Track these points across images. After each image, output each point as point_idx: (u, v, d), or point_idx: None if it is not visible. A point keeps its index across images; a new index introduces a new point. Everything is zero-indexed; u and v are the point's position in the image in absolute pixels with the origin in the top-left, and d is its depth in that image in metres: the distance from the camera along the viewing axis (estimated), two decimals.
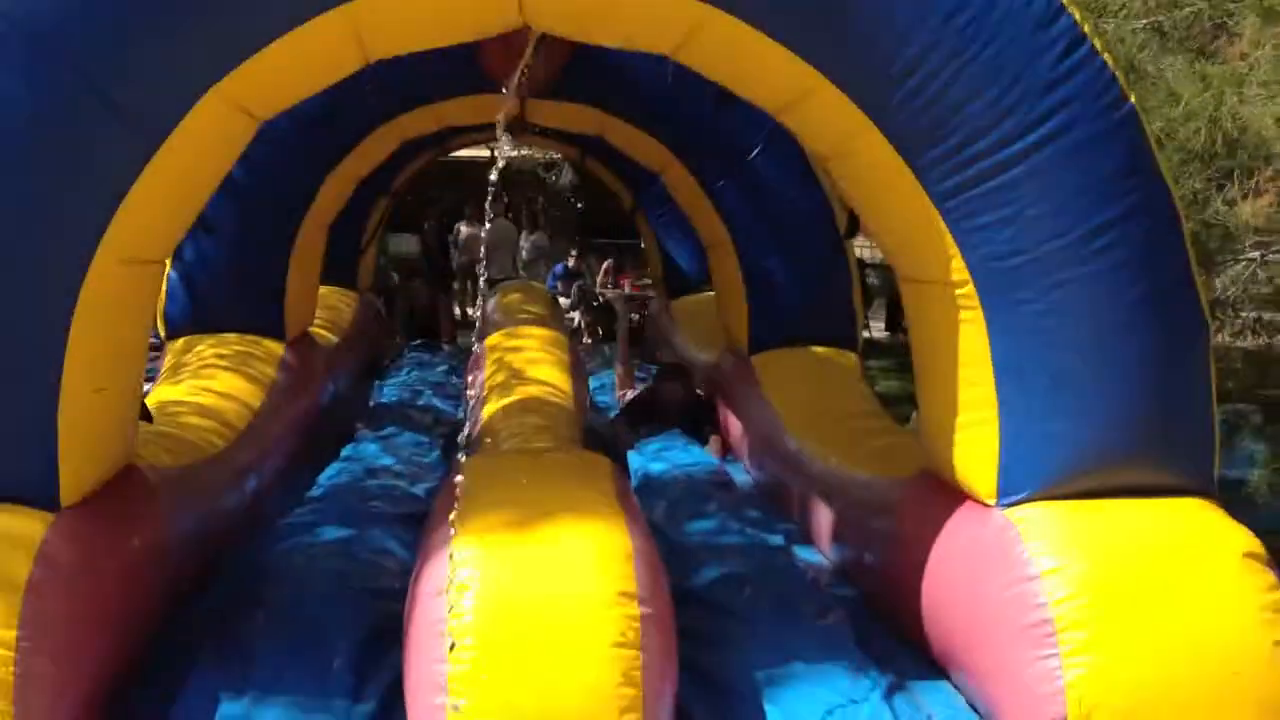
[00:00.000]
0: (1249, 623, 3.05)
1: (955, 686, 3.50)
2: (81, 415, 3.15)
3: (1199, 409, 3.40)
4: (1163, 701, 3.00)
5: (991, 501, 3.38)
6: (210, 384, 5.33)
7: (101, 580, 3.21)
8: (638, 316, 10.77)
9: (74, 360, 3.09)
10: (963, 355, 3.40)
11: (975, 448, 3.42)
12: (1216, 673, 3.01)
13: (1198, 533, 3.22)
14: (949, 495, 3.60)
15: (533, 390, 5.59)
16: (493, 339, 6.50)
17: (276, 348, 6.00)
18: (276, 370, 5.79)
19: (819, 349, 6.46)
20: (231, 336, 5.90)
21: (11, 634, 2.84)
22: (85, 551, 3.13)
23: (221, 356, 5.72)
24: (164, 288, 5.70)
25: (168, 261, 5.58)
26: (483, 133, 7.55)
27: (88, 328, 3.10)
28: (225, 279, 5.83)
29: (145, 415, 4.20)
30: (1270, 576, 3.13)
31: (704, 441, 6.57)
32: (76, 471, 3.16)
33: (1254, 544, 3.20)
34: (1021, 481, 3.34)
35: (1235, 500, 3.63)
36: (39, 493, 3.07)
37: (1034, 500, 3.32)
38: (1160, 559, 3.15)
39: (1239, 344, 5.01)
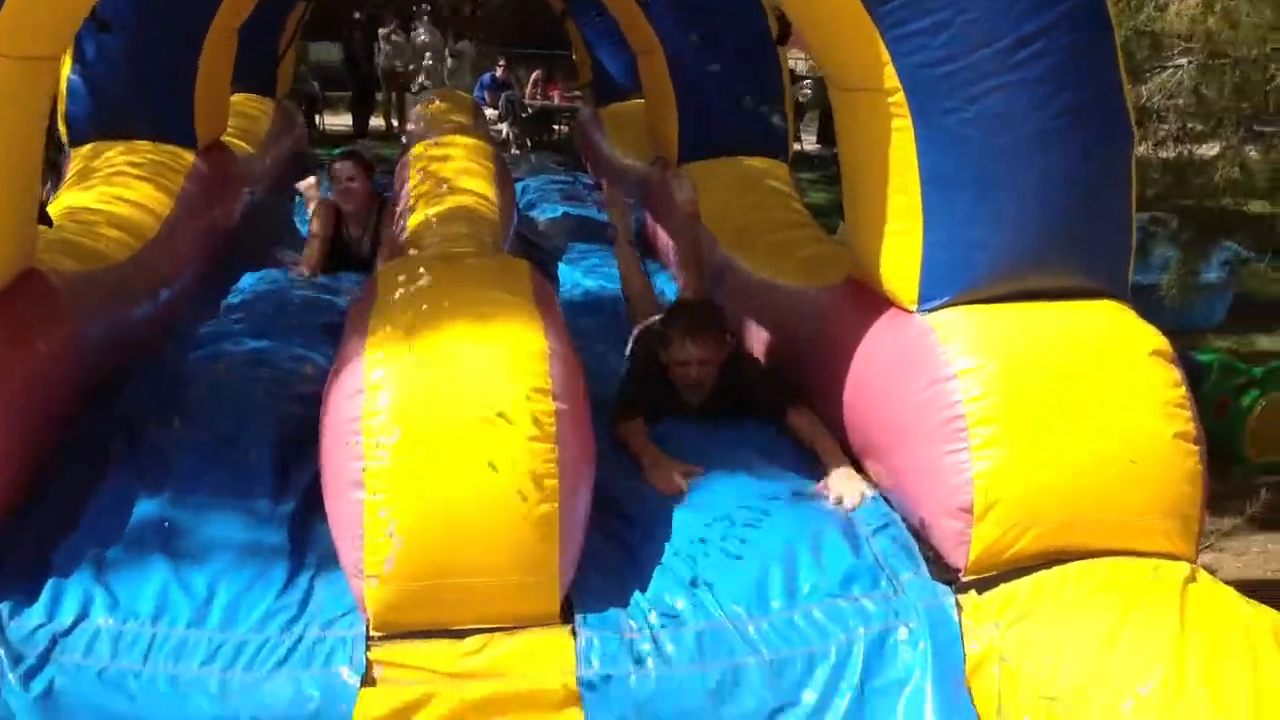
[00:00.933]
0: (1151, 416, 3.14)
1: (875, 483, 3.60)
2: None
3: (1118, 216, 3.42)
4: (1064, 491, 3.10)
5: (913, 307, 3.42)
6: (119, 192, 5.15)
7: (7, 382, 3.13)
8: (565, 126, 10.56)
9: None
10: (891, 164, 3.39)
11: (899, 255, 3.44)
12: (1117, 463, 3.11)
13: (1108, 332, 3.28)
14: (874, 302, 3.64)
15: (458, 200, 5.49)
16: (417, 149, 6.34)
17: (187, 156, 5.79)
18: (187, 180, 5.60)
19: (750, 159, 6.40)
20: (142, 144, 5.69)
21: None
22: None
23: (131, 164, 5.51)
24: (64, 88, 5.46)
25: (66, 60, 5.35)
26: None
27: None
28: (128, 80, 5.56)
29: (44, 219, 4.05)
30: (1174, 373, 3.22)
31: None
32: None
33: (1161, 343, 3.27)
34: (942, 287, 3.37)
35: (1147, 303, 3.69)
36: None
37: (953, 305, 3.36)
38: (1070, 357, 3.21)
39: (1160, 154, 5.03)
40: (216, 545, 3.12)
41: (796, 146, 9.06)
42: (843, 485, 3.51)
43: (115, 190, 5.15)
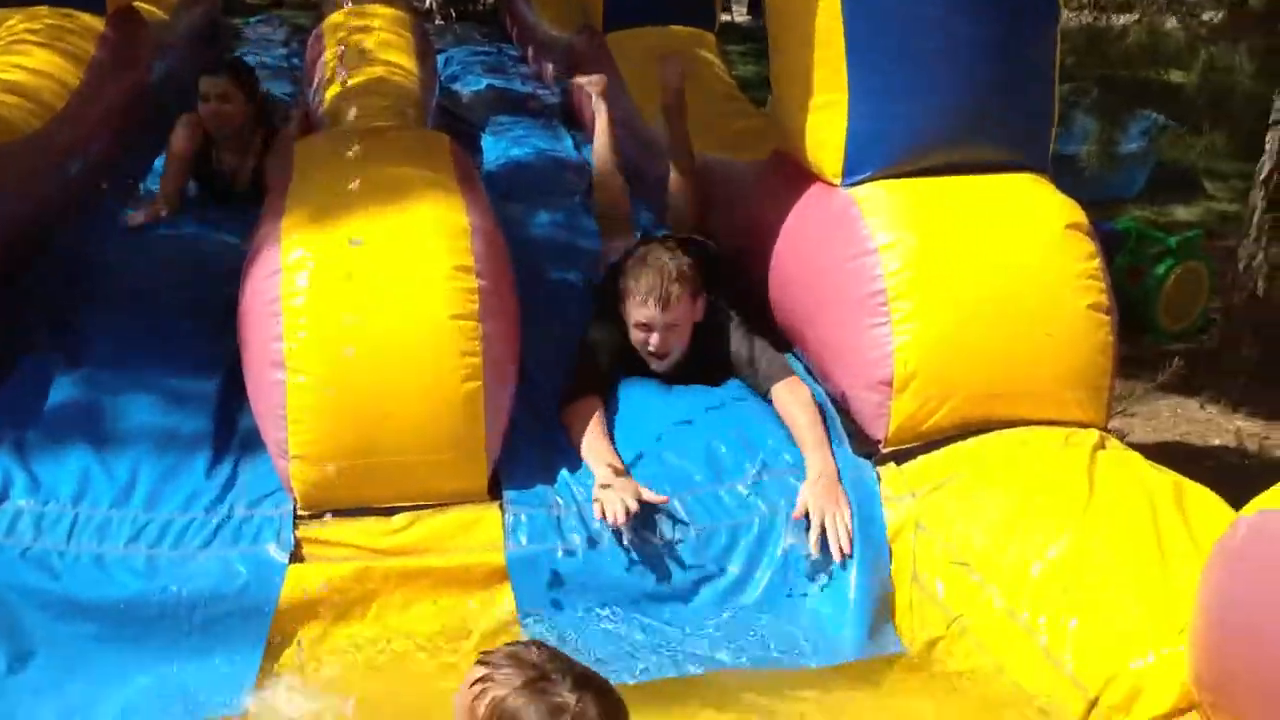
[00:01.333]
0: (1065, 288, 3.20)
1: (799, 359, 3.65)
2: None
3: (1041, 89, 3.44)
4: (981, 363, 3.17)
5: (837, 181, 3.41)
6: (22, 60, 4.92)
7: None
8: None
9: None
10: (816, 34, 3.34)
11: (824, 128, 3.42)
12: (1032, 336, 3.18)
13: (1025, 205, 3.32)
14: (798, 175, 3.62)
15: (377, 71, 5.35)
16: (335, 17, 6.14)
17: (95, 22, 5.54)
18: (96, 46, 5.37)
19: (676, 28, 6.28)
20: (43, 9, 5.43)
21: None
22: None
23: (33, 31, 5.26)
24: None
25: None
26: None
27: None
28: None
29: None
30: (1090, 245, 3.27)
31: None
32: None
33: (1078, 215, 3.31)
34: (865, 161, 3.36)
35: (1068, 174, 3.72)
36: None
37: (876, 179, 3.36)
38: (987, 230, 3.25)
39: (1081, 20, 5.02)
40: (138, 428, 3.09)
41: (725, 17, 8.91)
42: (821, 501, 3.05)
43: (20, 60, 4.92)
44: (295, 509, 2.92)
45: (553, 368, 3.47)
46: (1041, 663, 2.63)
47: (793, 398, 3.31)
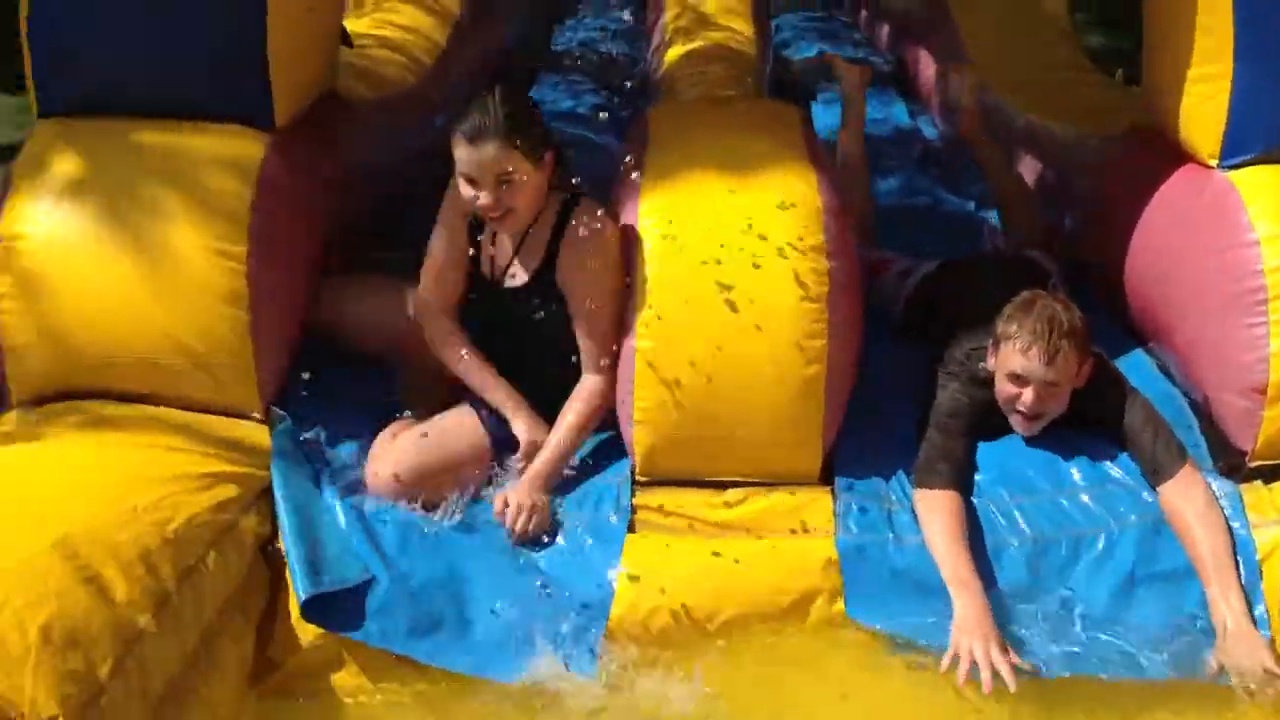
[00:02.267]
0: None
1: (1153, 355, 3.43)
2: (289, 37, 3.14)
3: None
4: None
5: (1214, 162, 3.16)
6: (393, 18, 5.22)
7: (313, 199, 3.27)
8: None
9: None
10: (1201, 1, 3.09)
11: (1203, 102, 3.16)
12: None
13: None
14: (1165, 154, 3.37)
15: (715, 36, 5.38)
16: None
17: None
18: (459, 5, 5.64)
19: None
20: None
21: (242, 249, 2.96)
22: (300, 169, 3.20)
23: None
24: None
25: None
26: None
27: None
28: None
29: (346, 40, 4.16)
30: None
31: None
32: (288, 94, 3.17)
33: None
34: (1249, 141, 3.10)
35: None
36: (257, 113, 3.11)
37: (1261, 162, 3.09)
38: None
39: None
40: None
41: None
42: (1241, 655, 2.65)
43: (391, 17, 5.19)
44: (633, 476, 3.00)
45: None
46: None
47: (1190, 501, 2.86)
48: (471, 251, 3.05)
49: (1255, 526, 2.87)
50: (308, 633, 2.78)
